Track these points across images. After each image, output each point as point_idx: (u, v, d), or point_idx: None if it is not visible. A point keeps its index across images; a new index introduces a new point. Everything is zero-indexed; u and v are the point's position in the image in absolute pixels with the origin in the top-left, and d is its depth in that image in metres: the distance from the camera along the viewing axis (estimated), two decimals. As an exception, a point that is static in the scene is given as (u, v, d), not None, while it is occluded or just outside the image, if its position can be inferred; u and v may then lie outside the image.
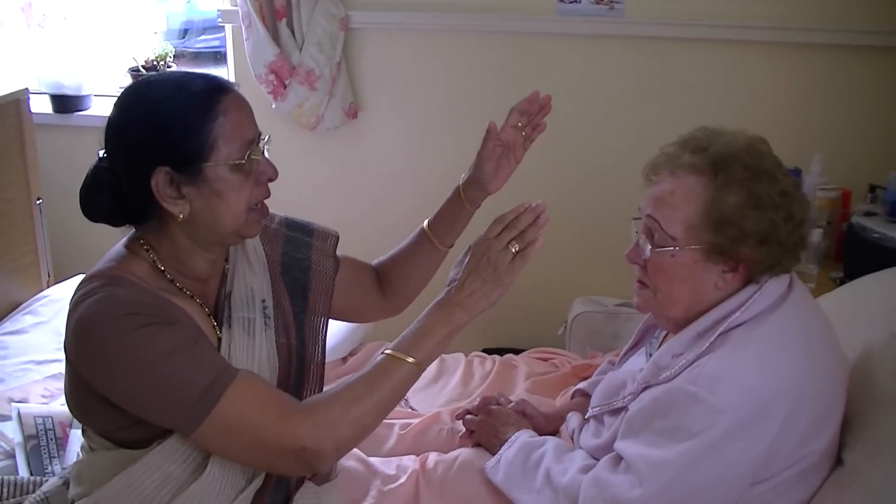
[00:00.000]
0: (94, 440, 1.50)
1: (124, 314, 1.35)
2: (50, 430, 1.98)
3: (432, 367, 2.48)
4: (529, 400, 2.00)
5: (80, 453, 1.58)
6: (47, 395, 2.13)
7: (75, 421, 1.97)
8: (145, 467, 1.42)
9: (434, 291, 1.89)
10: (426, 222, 1.84)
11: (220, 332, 1.52)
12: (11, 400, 2.14)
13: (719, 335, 1.51)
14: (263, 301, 1.58)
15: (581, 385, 2.02)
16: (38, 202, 2.89)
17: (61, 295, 2.62)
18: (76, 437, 1.95)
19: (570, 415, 1.90)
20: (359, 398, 1.39)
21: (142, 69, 3.38)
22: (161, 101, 1.39)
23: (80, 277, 2.67)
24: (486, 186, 1.77)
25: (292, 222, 1.74)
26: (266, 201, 1.51)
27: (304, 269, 1.70)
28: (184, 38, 4.53)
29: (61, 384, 2.16)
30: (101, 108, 3.53)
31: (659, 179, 1.59)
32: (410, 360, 1.40)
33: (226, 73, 3.38)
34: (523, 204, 1.45)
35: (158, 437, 1.42)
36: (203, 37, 4.56)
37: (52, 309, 2.59)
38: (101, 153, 1.46)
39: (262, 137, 1.46)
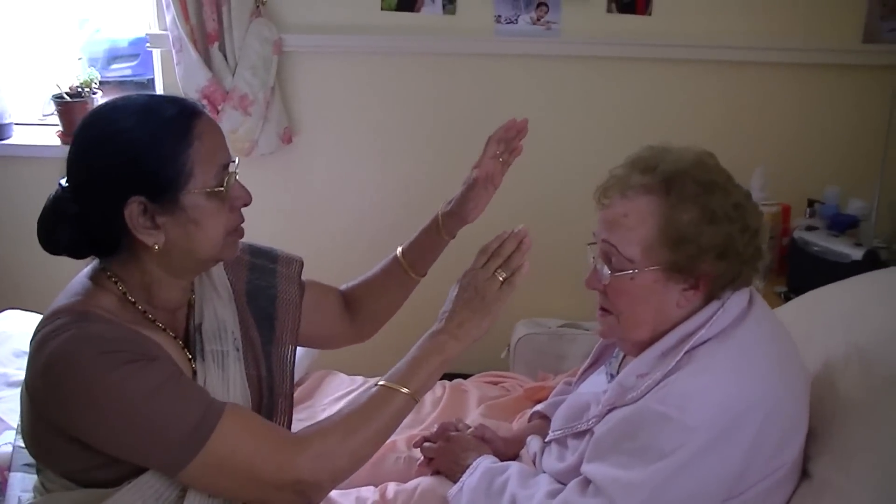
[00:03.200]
0: (53, 481, 1.40)
1: (102, 352, 1.27)
2: (-13, 473, 1.86)
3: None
4: (487, 424, 1.96)
5: (30, 495, 1.48)
6: (-26, 439, 2.01)
7: (14, 463, 1.87)
8: None
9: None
10: (399, 250, 1.82)
11: (195, 364, 1.46)
12: (-63, 445, 2.01)
13: (685, 353, 1.49)
14: (233, 333, 1.52)
15: (538, 407, 1.99)
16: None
17: (-13, 332, 2.48)
18: (16, 481, 1.84)
19: (530, 438, 1.86)
20: (355, 429, 1.37)
21: (66, 96, 3.26)
22: (132, 129, 1.32)
23: (11, 313, 2.61)
24: (466, 218, 1.78)
25: (255, 249, 1.68)
26: None
27: (271, 297, 1.65)
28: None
29: (-11, 426, 2.06)
30: (23, 136, 3.40)
31: (611, 203, 1.57)
32: (405, 390, 1.40)
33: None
34: (506, 231, 1.46)
35: (130, 475, 1.34)
36: (114, 66, 4.45)
37: (-26, 346, 2.44)
38: (63, 182, 1.37)
39: (233, 161, 1.40)
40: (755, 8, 2.87)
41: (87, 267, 1.46)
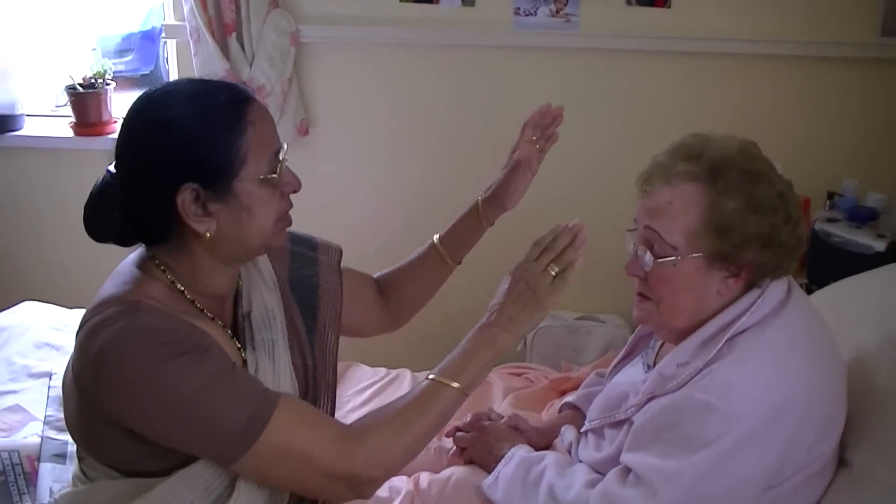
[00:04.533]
0: (95, 470, 1.39)
1: (155, 343, 1.25)
2: (17, 464, 1.84)
3: (405, 386, 2.43)
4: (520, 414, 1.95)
5: (60, 485, 1.47)
6: (5, 429, 2.00)
7: (43, 454, 1.86)
8: (160, 497, 1.32)
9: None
10: (437, 237, 1.81)
11: (244, 353, 1.45)
12: (-32, 436, 2.00)
13: (726, 342, 1.49)
14: (280, 321, 1.51)
15: (570, 398, 1.98)
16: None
17: (8, 323, 2.47)
18: (46, 472, 1.83)
19: (564, 428, 1.86)
20: (408, 423, 1.37)
21: (79, 87, 3.24)
22: (184, 115, 1.31)
23: (28, 304, 2.60)
24: (506, 204, 1.77)
25: (295, 236, 1.67)
26: None
27: (313, 286, 1.64)
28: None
29: (19, 417, 2.05)
30: (35, 127, 3.38)
31: (654, 190, 1.57)
32: (455, 384, 1.39)
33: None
34: (560, 225, 1.45)
35: (178, 466, 1.33)
36: (113, 60, 4.42)
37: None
38: (111, 168, 1.36)
39: (283, 147, 1.39)
40: (774, 2, 2.87)
41: (132, 254, 1.44)
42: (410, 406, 1.39)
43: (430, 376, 1.41)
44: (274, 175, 1.35)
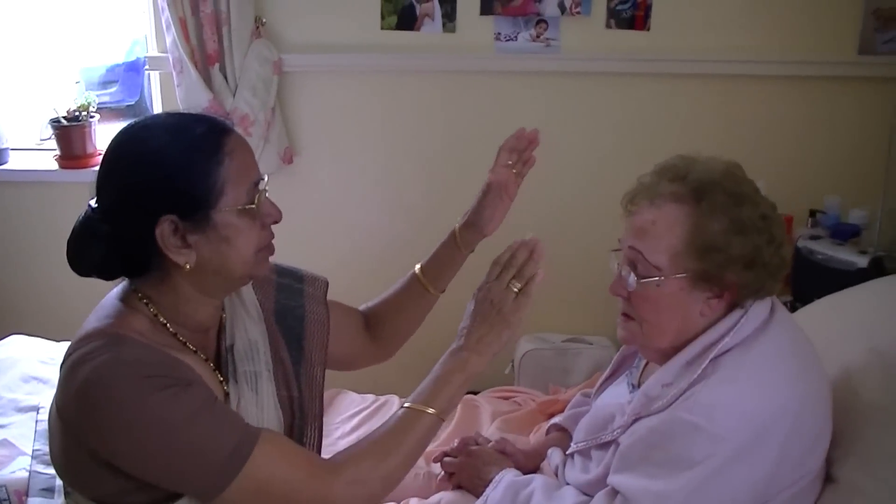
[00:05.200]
0: None
1: (138, 377, 1.24)
2: (5, 500, 1.83)
3: (393, 412, 2.42)
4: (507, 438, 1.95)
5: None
6: (-10, 463, 1.99)
7: (31, 489, 1.84)
8: None
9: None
10: (418, 267, 1.80)
11: (227, 386, 1.44)
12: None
13: (710, 361, 1.50)
14: (265, 353, 1.51)
15: (556, 420, 1.98)
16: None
17: (-10, 356, 2.46)
18: (35, 507, 1.83)
19: (551, 451, 1.86)
20: (387, 453, 1.37)
21: (63, 120, 3.25)
22: (163, 147, 1.31)
23: (16, 338, 2.59)
24: (483, 229, 1.76)
25: (281, 268, 1.67)
26: None
27: (299, 317, 1.63)
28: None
29: (7, 451, 2.04)
30: (21, 161, 3.38)
31: (639, 210, 1.57)
32: (431, 410, 1.39)
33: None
34: (517, 241, 1.45)
35: (162, 500, 1.32)
36: (98, 92, 4.44)
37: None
38: (93, 202, 1.35)
39: (263, 178, 1.39)
40: (752, 22, 2.90)
41: (115, 288, 1.44)
42: (387, 435, 1.39)
43: (406, 404, 1.41)
44: (252, 206, 1.35)
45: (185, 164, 1.30)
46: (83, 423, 1.26)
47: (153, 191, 1.30)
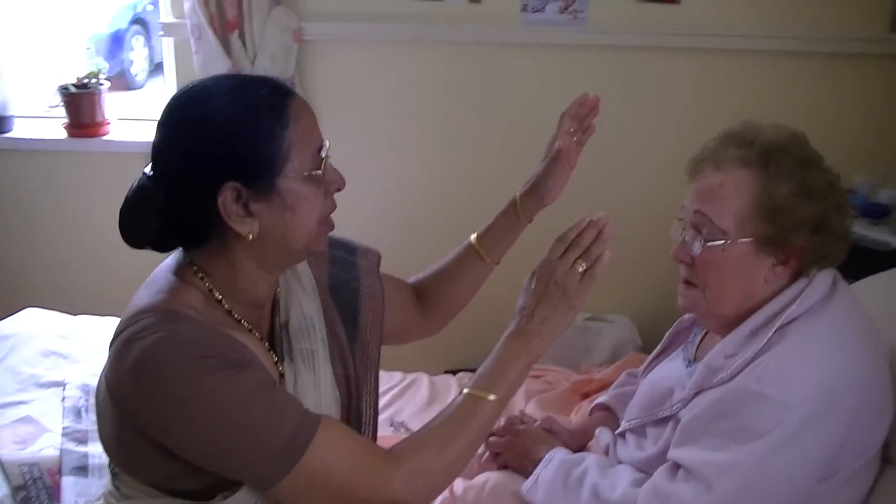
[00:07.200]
0: (131, 487, 1.31)
1: (194, 357, 1.18)
2: (38, 478, 1.75)
3: (423, 390, 2.37)
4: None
5: (85, 499, 1.39)
6: (20, 442, 1.91)
7: (64, 467, 1.78)
8: None
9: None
10: (474, 236, 1.73)
11: (281, 366, 1.38)
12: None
13: (776, 331, 1.47)
14: (321, 329, 1.44)
15: (602, 399, 1.94)
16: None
17: (11, 331, 2.38)
18: (69, 485, 1.74)
19: (599, 430, 1.82)
20: (448, 442, 1.30)
21: (72, 87, 3.16)
22: (224, 110, 1.23)
23: (31, 311, 2.52)
24: (545, 198, 1.70)
25: (333, 240, 1.57)
26: None
27: (354, 291, 1.56)
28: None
29: (32, 428, 1.97)
30: (28, 129, 3.29)
31: (704, 174, 1.56)
32: (492, 397, 1.32)
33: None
34: (584, 218, 1.37)
35: (216, 485, 1.25)
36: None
37: (2, 346, 2.34)
38: (148, 170, 1.28)
39: (325, 144, 1.32)
40: (784, -3, 2.86)
41: (167, 260, 1.37)
42: (448, 423, 1.32)
43: (466, 390, 1.33)
44: (318, 172, 1.28)
45: (250, 127, 1.23)
46: (137, 402, 1.20)
47: (216, 156, 1.23)
